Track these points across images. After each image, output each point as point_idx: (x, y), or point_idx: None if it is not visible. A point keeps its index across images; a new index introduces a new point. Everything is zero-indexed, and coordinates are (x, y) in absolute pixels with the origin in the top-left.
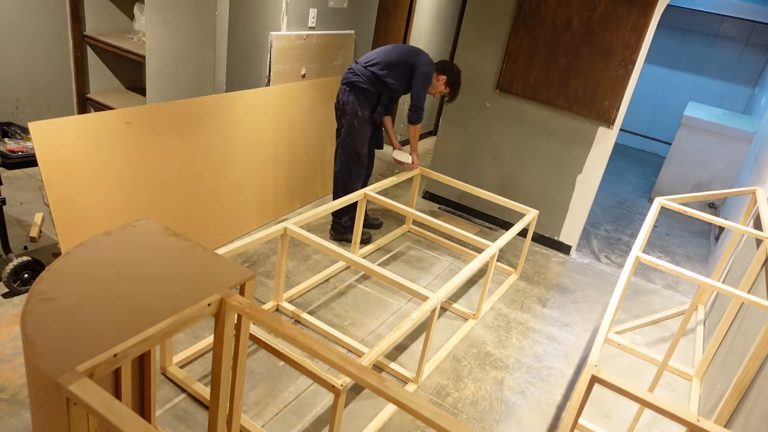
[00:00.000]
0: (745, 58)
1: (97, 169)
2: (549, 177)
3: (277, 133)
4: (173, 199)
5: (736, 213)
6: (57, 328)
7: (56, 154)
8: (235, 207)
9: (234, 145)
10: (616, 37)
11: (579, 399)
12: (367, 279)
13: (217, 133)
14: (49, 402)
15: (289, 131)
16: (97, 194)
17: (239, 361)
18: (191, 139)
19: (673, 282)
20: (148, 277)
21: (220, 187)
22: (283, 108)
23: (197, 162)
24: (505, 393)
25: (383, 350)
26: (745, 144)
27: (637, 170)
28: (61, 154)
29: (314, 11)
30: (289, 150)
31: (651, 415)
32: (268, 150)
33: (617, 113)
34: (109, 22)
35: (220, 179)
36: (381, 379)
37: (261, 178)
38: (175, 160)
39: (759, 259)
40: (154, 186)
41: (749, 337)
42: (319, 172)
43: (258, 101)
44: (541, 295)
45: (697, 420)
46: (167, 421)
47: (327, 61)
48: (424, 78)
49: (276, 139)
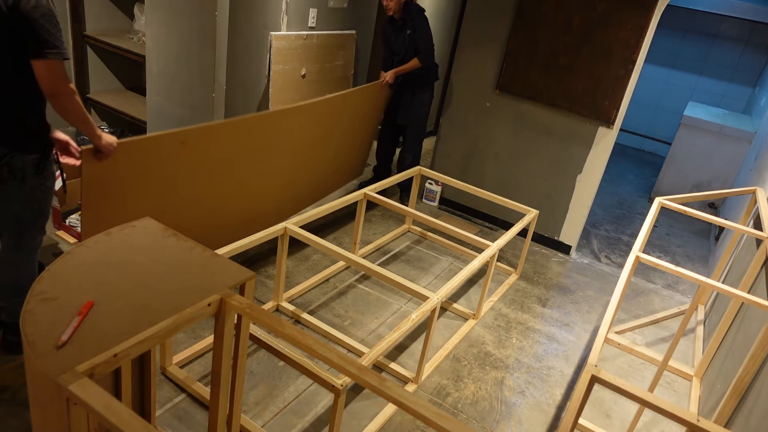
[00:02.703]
0: (745, 58)
1: (142, 191)
2: (549, 177)
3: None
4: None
5: (736, 213)
6: (57, 328)
7: (101, 177)
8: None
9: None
10: (616, 37)
11: (579, 399)
12: (367, 279)
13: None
14: (49, 402)
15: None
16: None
17: (239, 361)
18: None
19: (673, 282)
20: (148, 277)
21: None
22: (329, 121)
23: (247, 183)
24: (505, 393)
25: (383, 350)
26: (745, 144)
27: (637, 170)
28: (107, 178)
29: (314, 11)
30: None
31: (651, 415)
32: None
33: (617, 113)
34: (109, 22)
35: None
36: (381, 379)
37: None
38: (225, 180)
39: (759, 259)
40: (204, 207)
41: (749, 337)
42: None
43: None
44: (541, 295)
45: (697, 420)
46: (167, 421)
47: (327, 61)
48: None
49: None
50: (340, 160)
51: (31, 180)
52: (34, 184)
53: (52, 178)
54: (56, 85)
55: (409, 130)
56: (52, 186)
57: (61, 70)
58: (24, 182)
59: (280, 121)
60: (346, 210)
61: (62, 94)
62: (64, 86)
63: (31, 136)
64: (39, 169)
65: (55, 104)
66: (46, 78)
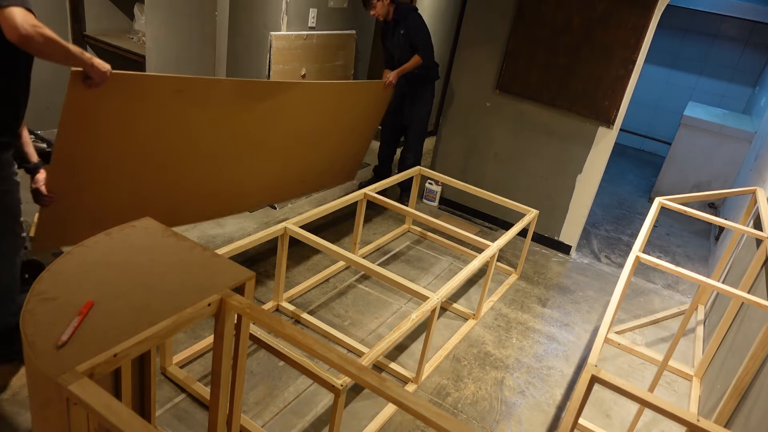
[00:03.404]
0: (745, 58)
1: (126, 134)
2: (549, 177)
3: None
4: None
5: (736, 213)
6: (57, 328)
7: (85, 106)
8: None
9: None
10: (616, 37)
11: (579, 399)
12: (367, 279)
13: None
14: (49, 402)
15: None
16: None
17: (239, 361)
18: (240, 118)
19: (673, 282)
20: (148, 277)
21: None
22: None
23: (237, 143)
24: (505, 393)
25: (383, 350)
26: (745, 144)
27: (637, 170)
28: (91, 110)
29: (314, 11)
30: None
31: (651, 415)
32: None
33: (617, 113)
34: (109, 22)
35: (258, 164)
36: (381, 379)
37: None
38: (218, 137)
39: (759, 259)
40: (189, 163)
41: (749, 337)
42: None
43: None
44: (541, 295)
45: (697, 420)
46: (167, 421)
47: (327, 61)
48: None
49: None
50: (335, 157)
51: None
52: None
53: (12, 183)
54: (16, 30)
55: (410, 129)
56: (11, 189)
57: (17, 15)
58: None
59: (284, 93)
60: (346, 210)
61: (29, 37)
62: (27, 29)
63: None
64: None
65: (31, 51)
66: (6, 29)
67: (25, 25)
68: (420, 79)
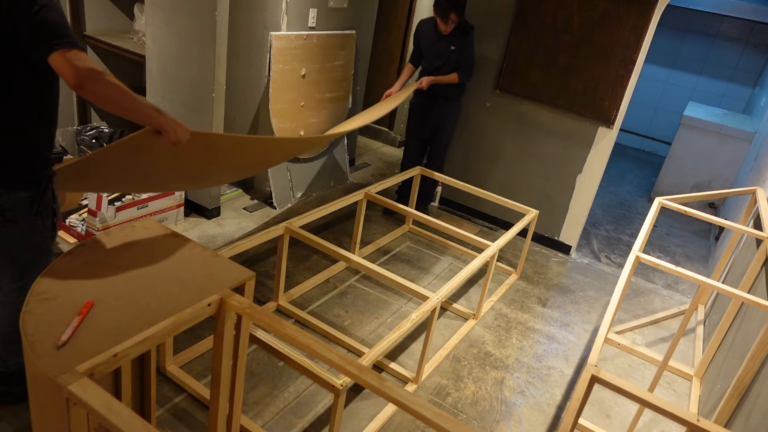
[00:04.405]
0: (745, 58)
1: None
2: (549, 177)
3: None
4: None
5: (736, 213)
6: (57, 328)
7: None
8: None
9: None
10: (616, 37)
11: (579, 399)
12: (367, 279)
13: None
14: (49, 402)
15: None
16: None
17: (239, 361)
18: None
19: (673, 282)
20: (148, 277)
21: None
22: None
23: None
24: (505, 393)
25: (383, 350)
26: (745, 144)
27: (637, 170)
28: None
29: (314, 11)
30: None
31: (651, 415)
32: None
33: (617, 113)
34: (109, 22)
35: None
36: (381, 379)
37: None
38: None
39: (759, 259)
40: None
41: (749, 337)
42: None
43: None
44: (541, 295)
45: (697, 420)
46: (167, 421)
47: (327, 61)
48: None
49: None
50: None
51: (25, 221)
52: (30, 225)
53: (51, 216)
54: (77, 71)
55: (436, 143)
56: (50, 226)
57: (76, 56)
58: (16, 224)
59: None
60: (346, 210)
61: (87, 79)
62: (85, 72)
63: (22, 170)
64: (33, 209)
65: (87, 96)
66: (63, 71)
67: (82, 71)
68: (448, 92)
